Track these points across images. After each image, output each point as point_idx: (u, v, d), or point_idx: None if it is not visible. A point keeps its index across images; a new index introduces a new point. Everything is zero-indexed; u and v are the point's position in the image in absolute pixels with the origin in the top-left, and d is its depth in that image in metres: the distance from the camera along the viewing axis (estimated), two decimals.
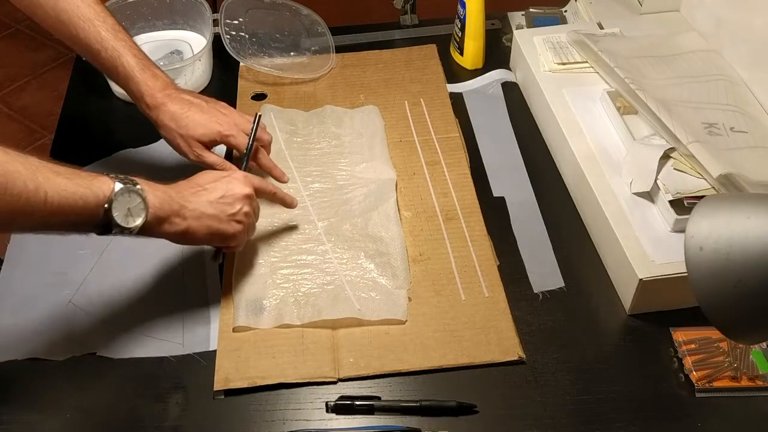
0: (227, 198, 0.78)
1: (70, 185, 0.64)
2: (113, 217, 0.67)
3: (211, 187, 0.78)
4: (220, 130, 0.89)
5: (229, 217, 0.78)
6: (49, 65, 2.40)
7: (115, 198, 0.67)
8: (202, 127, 0.88)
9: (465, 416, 0.74)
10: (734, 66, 1.00)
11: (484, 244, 0.89)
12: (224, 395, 0.76)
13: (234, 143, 0.90)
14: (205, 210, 0.76)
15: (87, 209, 0.66)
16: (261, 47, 1.16)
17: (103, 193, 0.67)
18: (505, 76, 1.15)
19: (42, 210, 0.62)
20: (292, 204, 0.89)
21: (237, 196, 0.78)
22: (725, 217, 0.56)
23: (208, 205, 0.76)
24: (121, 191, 0.67)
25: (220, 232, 0.77)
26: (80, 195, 0.65)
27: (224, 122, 0.90)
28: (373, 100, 1.10)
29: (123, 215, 0.68)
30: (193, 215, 0.75)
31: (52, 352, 0.80)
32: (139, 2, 1.18)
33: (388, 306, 0.82)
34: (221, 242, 0.80)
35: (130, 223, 0.68)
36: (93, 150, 1.04)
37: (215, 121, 0.90)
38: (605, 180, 0.89)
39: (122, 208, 0.68)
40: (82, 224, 0.67)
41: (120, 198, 0.67)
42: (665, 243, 0.81)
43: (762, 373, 0.75)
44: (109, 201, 0.67)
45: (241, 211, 0.79)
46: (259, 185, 0.83)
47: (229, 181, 0.79)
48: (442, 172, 0.99)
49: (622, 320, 0.82)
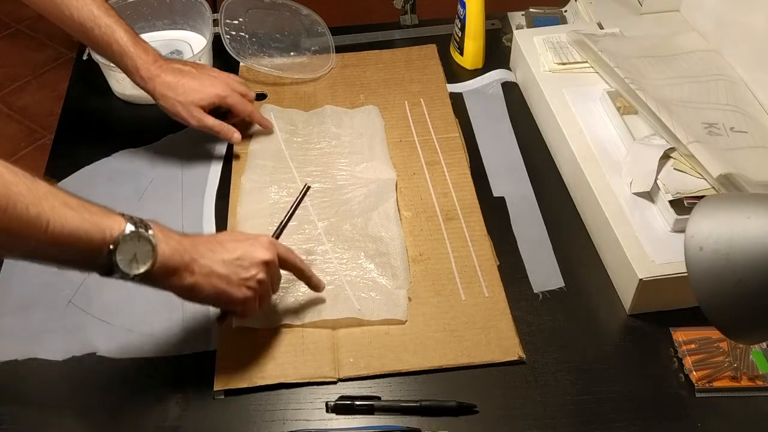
0: (243, 261, 0.72)
1: (76, 218, 0.60)
2: (116, 260, 0.62)
3: (230, 247, 0.72)
4: (217, 92, 0.96)
5: (240, 281, 0.72)
6: (49, 65, 2.40)
7: (122, 240, 0.62)
8: (199, 93, 0.94)
9: (465, 416, 0.74)
10: (734, 66, 1.00)
11: (484, 244, 0.89)
12: (224, 395, 0.76)
13: (230, 102, 0.97)
14: (216, 268, 0.70)
15: (90, 246, 0.61)
16: (261, 47, 1.16)
17: (110, 232, 0.62)
18: (505, 76, 1.15)
19: (41, 238, 0.58)
20: (318, 287, 0.81)
21: (254, 261, 0.72)
22: (725, 217, 0.56)
23: (221, 264, 0.71)
24: (130, 234, 0.63)
25: (228, 294, 0.71)
26: (84, 230, 0.61)
27: (217, 85, 0.97)
28: (373, 100, 1.10)
29: (127, 260, 0.63)
30: (203, 271, 0.69)
31: (52, 352, 0.80)
32: (139, 2, 1.18)
33: (388, 306, 0.82)
34: (227, 306, 0.74)
35: (134, 270, 0.63)
36: (93, 150, 1.04)
37: (209, 84, 0.96)
38: (605, 180, 0.89)
39: (128, 253, 0.63)
40: (82, 261, 0.63)
41: (128, 241, 0.63)
42: (665, 243, 0.81)
43: (762, 373, 0.75)
44: (116, 243, 0.62)
45: (254, 278, 0.72)
46: (284, 255, 0.77)
47: (251, 243, 0.74)
48: (442, 172, 0.99)
49: (622, 320, 0.82)
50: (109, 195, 0.97)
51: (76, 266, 0.64)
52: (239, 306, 0.74)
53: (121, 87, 1.11)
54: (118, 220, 0.63)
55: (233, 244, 0.73)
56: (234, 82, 1.00)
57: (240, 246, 0.73)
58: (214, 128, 0.97)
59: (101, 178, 1.00)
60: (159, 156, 1.03)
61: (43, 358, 0.79)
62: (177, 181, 0.99)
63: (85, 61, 1.19)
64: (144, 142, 1.05)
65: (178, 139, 1.05)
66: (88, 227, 0.61)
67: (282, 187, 0.96)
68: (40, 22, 2.58)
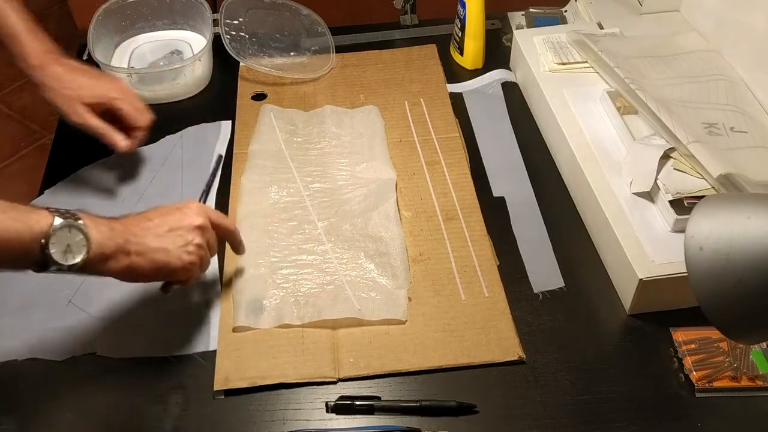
0: (177, 230, 0.73)
1: (4, 219, 0.61)
2: (50, 254, 0.63)
3: (159, 221, 0.73)
4: (108, 93, 0.91)
5: (178, 250, 0.73)
6: None
7: (53, 234, 0.63)
8: (89, 90, 0.90)
9: (465, 416, 0.74)
10: (734, 66, 1.00)
11: (484, 244, 0.89)
12: (224, 395, 0.76)
13: (121, 106, 0.92)
14: (151, 244, 0.71)
15: (21, 244, 0.62)
16: (261, 47, 1.16)
17: (40, 228, 0.63)
18: (505, 76, 1.15)
19: None
20: (239, 250, 0.84)
21: (188, 227, 0.74)
22: (725, 217, 0.56)
23: (155, 238, 0.71)
24: (60, 226, 0.63)
25: (168, 266, 0.72)
26: (15, 229, 0.61)
27: (112, 87, 0.93)
28: (373, 100, 1.10)
29: (61, 252, 0.63)
30: (138, 249, 0.70)
31: (52, 352, 0.80)
32: (139, 2, 1.18)
33: (388, 306, 0.82)
34: (169, 276, 0.75)
35: (69, 260, 0.64)
36: (93, 150, 1.03)
37: (102, 85, 0.92)
38: (605, 180, 0.89)
39: (61, 245, 0.63)
40: (16, 261, 0.63)
41: (59, 234, 0.63)
42: (665, 243, 0.81)
43: (762, 373, 0.75)
44: (46, 236, 0.63)
45: (191, 243, 0.74)
46: (216, 218, 0.78)
47: (181, 212, 0.75)
48: (442, 172, 0.99)
49: (622, 320, 0.82)
50: (109, 195, 0.97)
51: (11, 266, 0.65)
52: (182, 275, 0.75)
53: None
54: (45, 215, 0.64)
55: (163, 217, 0.74)
56: (130, 91, 0.95)
57: (170, 217, 0.74)
58: (98, 129, 0.91)
59: (101, 178, 1.00)
60: (159, 156, 1.03)
61: (43, 358, 0.79)
62: (177, 181, 0.99)
63: (85, 61, 1.19)
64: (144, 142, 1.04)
65: (177, 139, 1.05)
66: (18, 226, 0.62)
67: (282, 187, 0.96)
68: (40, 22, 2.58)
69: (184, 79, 1.12)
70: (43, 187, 0.99)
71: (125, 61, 1.17)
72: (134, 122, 0.94)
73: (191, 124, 1.08)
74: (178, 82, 1.12)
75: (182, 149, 1.04)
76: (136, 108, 0.94)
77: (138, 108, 0.95)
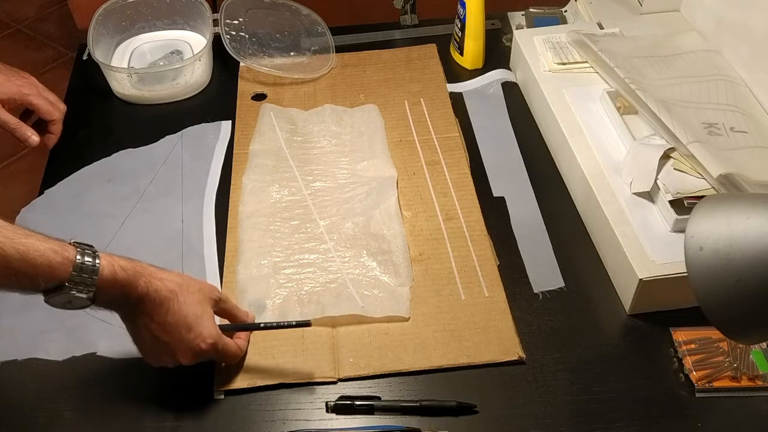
0: (175, 350, 0.71)
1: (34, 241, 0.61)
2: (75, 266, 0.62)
3: (171, 322, 0.70)
4: (19, 89, 0.91)
5: (166, 359, 0.72)
6: (49, 65, 2.39)
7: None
8: (1, 86, 0.90)
9: (465, 416, 0.74)
10: (734, 66, 1.00)
11: (484, 244, 0.89)
12: (224, 395, 0.76)
13: (33, 102, 0.93)
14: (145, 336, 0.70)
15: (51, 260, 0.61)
16: (261, 47, 1.16)
17: (67, 252, 0.63)
18: (505, 76, 1.15)
19: None
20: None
21: (184, 354, 0.71)
22: (725, 217, 0.56)
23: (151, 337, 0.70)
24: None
25: (146, 357, 0.72)
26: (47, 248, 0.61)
27: (23, 83, 0.92)
28: (373, 99, 1.10)
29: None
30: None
31: (52, 352, 0.80)
32: (139, 2, 1.18)
33: (391, 303, 0.82)
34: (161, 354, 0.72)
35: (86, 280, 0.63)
36: (93, 150, 1.04)
37: (13, 81, 0.92)
38: (605, 180, 0.89)
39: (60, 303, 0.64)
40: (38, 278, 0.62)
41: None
42: (665, 243, 0.81)
43: (762, 373, 0.75)
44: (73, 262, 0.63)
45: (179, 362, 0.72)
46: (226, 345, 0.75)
47: (194, 333, 0.71)
48: (442, 171, 0.99)
49: (622, 320, 0.82)
50: (109, 195, 0.97)
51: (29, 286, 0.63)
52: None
53: (121, 87, 1.12)
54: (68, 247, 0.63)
55: (175, 326, 0.70)
56: (42, 87, 0.95)
57: (181, 330, 0.70)
58: (8, 124, 0.91)
59: (101, 178, 1.00)
60: (159, 156, 1.03)
61: (43, 358, 0.79)
62: (177, 181, 0.99)
63: (85, 61, 1.19)
64: (144, 142, 1.05)
65: (177, 139, 1.05)
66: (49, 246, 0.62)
67: (283, 186, 0.96)
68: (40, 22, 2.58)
69: (184, 79, 1.12)
70: (43, 187, 0.99)
71: (125, 61, 1.17)
72: (49, 116, 0.95)
73: (191, 124, 1.08)
74: (178, 82, 1.12)
75: (182, 149, 1.04)
76: (49, 102, 0.95)
77: (51, 101, 0.95)
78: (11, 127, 0.92)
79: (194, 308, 0.70)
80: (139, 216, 0.94)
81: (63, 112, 0.97)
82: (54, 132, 0.97)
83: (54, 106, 0.95)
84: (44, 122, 0.96)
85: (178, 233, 0.92)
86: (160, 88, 1.11)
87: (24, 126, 0.93)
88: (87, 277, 0.63)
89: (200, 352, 0.71)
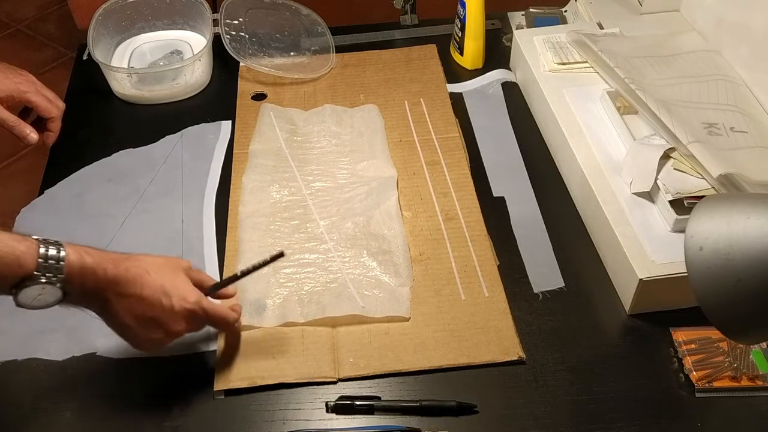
0: (155, 323, 0.70)
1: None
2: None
3: (148, 297, 0.69)
4: (18, 86, 0.91)
5: (145, 335, 0.71)
6: (49, 65, 2.40)
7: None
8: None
9: (465, 416, 0.74)
10: (734, 66, 1.00)
11: (484, 244, 0.89)
12: (224, 395, 0.76)
13: (32, 99, 0.92)
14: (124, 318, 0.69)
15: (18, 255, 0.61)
16: (261, 47, 1.16)
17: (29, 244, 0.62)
18: (505, 76, 1.15)
19: None
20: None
21: (167, 328, 0.71)
22: (725, 217, 0.56)
23: (130, 315, 0.69)
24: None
25: (128, 340, 0.71)
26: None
27: (21, 81, 0.92)
28: (373, 99, 1.10)
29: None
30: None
31: (52, 352, 0.80)
32: (139, 2, 1.18)
33: (391, 303, 0.82)
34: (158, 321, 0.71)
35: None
36: (93, 150, 1.04)
37: (11, 79, 0.91)
38: (605, 180, 0.89)
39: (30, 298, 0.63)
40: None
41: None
42: (665, 243, 0.81)
43: (762, 373, 0.75)
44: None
45: (161, 338, 0.72)
46: (211, 311, 0.75)
47: (171, 300, 0.70)
48: (442, 172, 0.99)
49: (622, 320, 0.82)
50: (109, 195, 0.97)
51: None
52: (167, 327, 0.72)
53: (121, 87, 1.12)
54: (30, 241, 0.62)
55: (151, 300, 0.69)
56: (41, 84, 0.95)
57: (157, 307, 0.70)
58: (7, 122, 0.90)
59: (101, 178, 1.00)
60: (159, 156, 1.03)
61: (43, 358, 0.79)
62: (177, 181, 0.99)
63: (85, 61, 1.20)
64: (144, 142, 1.05)
65: (177, 139, 1.05)
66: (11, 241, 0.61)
67: (283, 186, 0.96)
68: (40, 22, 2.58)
69: (184, 79, 1.12)
70: (43, 187, 0.99)
71: (125, 61, 1.17)
72: (48, 113, 0.95)
73: (191, 124, 1.08)
74: (178, 82, 1.12)
75: (182, 149, 1.04)
76: (48, 99, 0.95)
77: (49, 99, 0.95)
78: (9, 125, 0.91)
79: (168, 276, 0.71)
80: (139, 216, 0.94)
81: (62, 110, 0.97)
82: (53, 130, 0.96)
83: (52, 104, 0.95)
84: (43, 120, 0.96)
85: (178, 233, 0.92)
86: (160, 88, 1.12)
87: (22, 123, 0.92)
88: (54, 264, 0.63)
89: (189, 315, 0.71)
